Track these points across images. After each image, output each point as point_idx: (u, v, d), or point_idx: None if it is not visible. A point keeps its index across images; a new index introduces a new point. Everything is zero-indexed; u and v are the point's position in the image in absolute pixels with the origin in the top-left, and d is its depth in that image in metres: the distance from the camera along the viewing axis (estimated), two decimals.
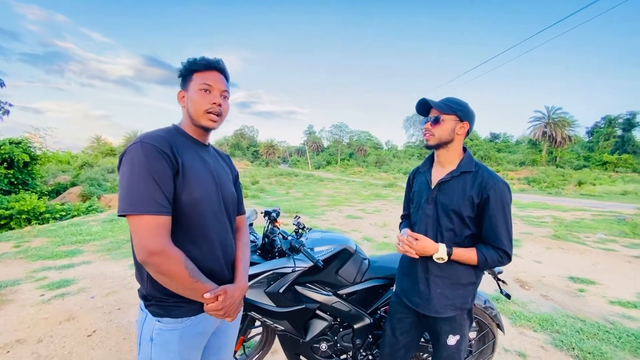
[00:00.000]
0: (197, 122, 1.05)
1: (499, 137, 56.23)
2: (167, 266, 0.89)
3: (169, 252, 0.89)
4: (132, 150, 0.92)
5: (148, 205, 0.88)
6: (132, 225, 0.89)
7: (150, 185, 0.89)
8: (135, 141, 0.94)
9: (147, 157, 0.90)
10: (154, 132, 0.99)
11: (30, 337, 2.48)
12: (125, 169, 0.91)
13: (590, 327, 2.87)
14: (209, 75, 1.04)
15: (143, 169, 0.89)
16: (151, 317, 0.99)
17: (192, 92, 1.04)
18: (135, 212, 0.87)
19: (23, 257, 4.45)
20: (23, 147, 12.84)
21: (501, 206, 1.28)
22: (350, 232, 6.52)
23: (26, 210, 9.16)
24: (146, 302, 1.01)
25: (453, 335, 1.41)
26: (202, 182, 1.02)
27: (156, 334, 0.98)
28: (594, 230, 7.40)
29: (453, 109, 1.33)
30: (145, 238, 0.87)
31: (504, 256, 1.30)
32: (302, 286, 1.78)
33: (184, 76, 1.07)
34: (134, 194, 0.88)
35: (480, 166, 1.36)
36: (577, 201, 15.08)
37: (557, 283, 4.05)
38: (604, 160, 35.20)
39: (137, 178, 0.89)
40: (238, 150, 68.30)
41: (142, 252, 0.87)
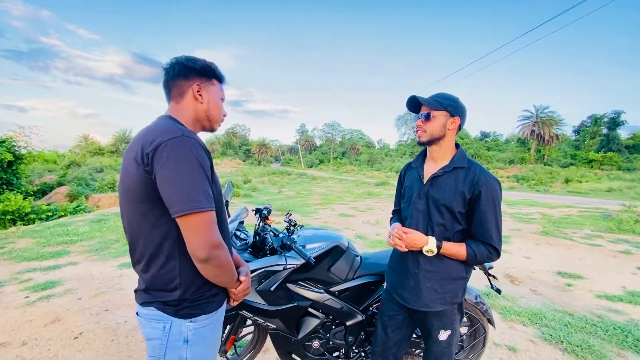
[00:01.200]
0: (212, 125, 1.12)
1: (489, 136, 57.02)
2: (224, 257, 0.93)
3: (223, 243, 0.94)
4: (180, 143, 0.88)
5: (208, 202, 0.89)
6: (194, 223, 0.87)
7: (205, 181, 0.90)
8: (174, 133, 0.89)
9: (198, 153, 0.90)
10: (182, 127, 0.96)
11: (14, 340, 2.41)
12: (179, 162, 0.86)
13: (578, 320, 2.92)
14: (222, 87, 1.14)
15: (197, 164, 0.89)
16: (180, 322, 0.97)
17: (215, 97, 1.09)
18: (201, 209, 0.87)
19: (7, 258, 4.33)
20: (7, 146, 12.47)
21: (492, 202, 1.29)
22: (343, 230, 6.52)
23: (11, 211, 8.92)
24: (175, 308, 0.96)
25: (444, 330, 1.42)
26: (217, 177, 1.06)
27: (192, 335, 0.98)
28: (581, 226, 7.56)
29: (443, 105, 1.33)
30: (210, 233, 0.89)
31: (493, 252, 1.31)
32: (293, 284, 1.76)
33: (203, 73, 1.06)
34: (196, 191, 0.87)
35: (472, 162, 1.36)
36: (565, 198, 15.40)
37: (545, 278, 4.11)
38: (590, 158, 35.98)
39: (195, 173, 0.88)
40: (230, 149, 67.71)
41: (207, 248, 0.88)
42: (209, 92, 1.07)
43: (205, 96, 1.06)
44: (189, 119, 1.05)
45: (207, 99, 1.07)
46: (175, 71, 1.03)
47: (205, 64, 1.06)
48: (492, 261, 1.36)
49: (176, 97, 1.04)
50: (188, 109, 1.05)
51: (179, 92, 1.04)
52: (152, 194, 0.89)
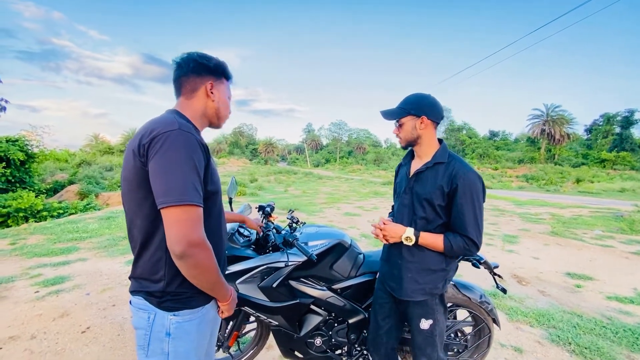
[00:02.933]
0: (219, 122, 1.14)
1: (498, 135, 56.20)
2: (204, 258, 0.89)
3: (206, 244, 0.90)
4: (174, 136, 0.88)
5: (195, 196, 0.87)
6: (174, 215, 0.85)
7: (195, 175, 0.88)
8: (170, 126, 0.89)
9: (191, 146, 0.89)
10: (181, 120, 0.95)
11: (24, 333, 2.46)
12: (169, 154, 0.86)
13: (587, 322, 2.86)
14: (229, 86, 1.15)
15: (189, 158, 0.87)
16: (163, 314, 0.96)
17: (224, 96, 1.12)
18: (184, 202, 0.85)
19: (18, 254, 4.43)
20: (20, 145, 12.76)
21: (469, 195, 1.32)
22: (348, 229, 6.51)
23: (23, 208, 9.13)
24: (158, 300, 0.96)
25: (425, 319, 1.46)
26: (216, 175, 1.05)
27: (174, 328, 0.96)
28: (592, 226, 7.41)
29: (406, 110, 1.41)
30: (189, 229, 0.86)
31: (470, 244, 1.33)
32: (296, 281, 1.76)
33: (215, 71, 1.08)
34: (182, 184, 0.85)
35: (453, 157, 1.41)
36: (575, 198, 15.11)
37: (554, 279, 4.04)
38: (602, 157, 35.25)
39: (184, 166, 0.86)
40: (237, 149, 68.15)
41: (183, 243, 0.85)
42: (219, 90, 1.09)
43: (217, 94, 1.08)
44: (196, 115, 1.06)
45: (218, 97, 1.09)
46: (190, 68, 1.04)
47: (218, 63, 1.08)
48: (470, 254, 1.40)
49: (187, 93, 1.05)
50: (198, 105, 1.06)
51: (191, 88, 1.05)
52: (147, 184, 0.90)
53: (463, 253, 1.37)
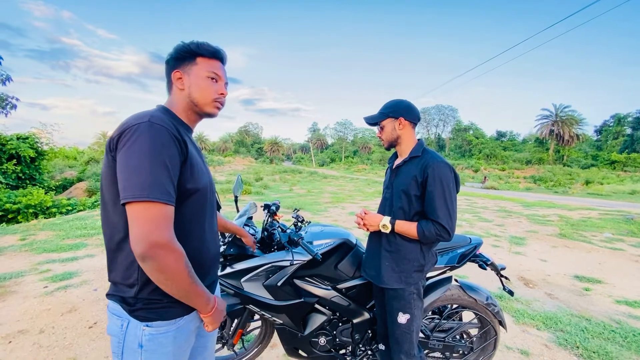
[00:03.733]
0: (203, 109, 1.01)
1: (505, 136, 55.59)
2: (169, 262, 0.80)
3: (174, 246, 0.81)
4: (141, 129, 0.81)
5: (159, 193, 0.79)
6: (135, 212, 0.78)
7: (163, 171, 0.81)
8: (140, 119, 0.83)
9: (160, 139, 0.82)
10: (157, 113, 0.88)
11: (32, 327, 2.50)
12: (136, 147, 0.79)
13: (595, 326, 2.82)
14: (215, 64, 1.02)
15: (156, 152, 0.80)
16: (136, 323, 0.88)
17: (199, 78, 0.98)
18: (145, 198, 0.77)
19: (28, 249, 4.50)
20: (30, 142, 13.00)
21: (439, 182, 1.40)
22: (353, 228, 6.49)
23: (33, 205, 9.30)
24: (130, 307, 0.88)
25: (403, 313, 1.53)
26: (202, 171, 0.98)
27: (147, 340, 0.88)
28: (601, 229, 7.29)
29: (385, 114, 1.54)
30: (152, 228, 0.78)
31: (441, 229, 1.40)
32: (300, 280, 1.76)
33: (182, 57, 0.99)
34: (146, 178, 0.78)
35: (427, 151, 1.53)
36: (584, 200, 14.88)
37: (562, 282, 3.99)
38: (612, 159, 34.69)
39: (149, 161, 0.79)
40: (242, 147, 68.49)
41: (144, 244, 0.77)
42: (190, 74, 0.99)
43: (186, 81, 0.99)
44: (179, 109, 1.01)
45: (188, 83, 0.99)
46: (165, 64, 1.02)
47: (181, 47, 0.99)
48: (443, 239, 1.44)
49: (168, 89, 1.03)
50: (176, 99, 1.01)
51: (168, 84, 1.02)
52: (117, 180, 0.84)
53: (435, 239, 1.43)
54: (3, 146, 12.07)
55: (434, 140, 60.39)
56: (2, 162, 11.97)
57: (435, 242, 1.53)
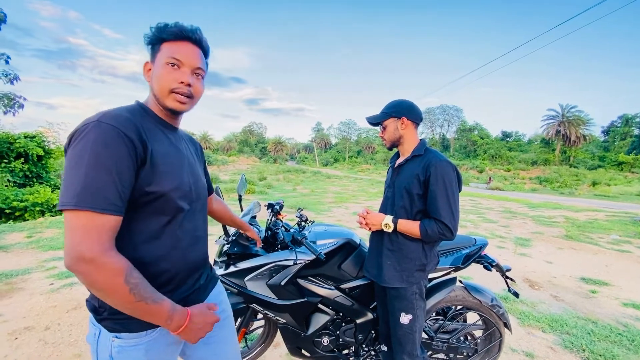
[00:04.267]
0: (162, 102, 0.88)
1: (511, 136, 55.15)
2: (99, 278, 0.71)
3: (103, 261, 0.71)
4: (86, 131, 0.73)
5: (94, 200, 0.71)
6: (66, 222, 0.71)
7: (102, 176, 0.72)
8: (91, 119, 0.76)
9: (104, 140, 0.73)
10: (116, 111, 0.81)
11: (38, 324, 2.53)
12: (76, 151, 0.72)
13: (602, 329, 2.78)
14: (180, 46, 0.86)
15: (97, 155, 0.72)
16: (106, 333, 0.83)
17: (158, 66, 0.86)
18: (73, 206, 0.70)
19: (35, 247, 4.55)
20: (37, 141, 13.13)
21: (442, 181, 1.40)
22: (356, 229, 6.48)
23: (40, 203, 9.40)
24: (98, 316, 0.83)
25: (405, 313, 1.53)
26: (174, 172, 0.88)
27: (116, 352, 0.82)
28: (608, 231, 7.20)
29: (388, 114, 1.54)
30: (79, 239, 0.70)
31: (444, 228, 1.39)
32: (304, 279, 1.76)
33: (152, 45, 0.88)
34: (79, 184, 0.70)
35: (429, 150, 1.53)
36: (591, 202, 14.71)
37: (568, 284, 3.94)
38: (619, 160, 34.21)
39: (86, 165, 0.71)
40: (246, 147, 68.68)
41: (69, 256, 0.70)
42: (155, 65, 0.87)
43: (152, 72, 0.88)
44: (152, 104, 0.92)
45: (152, 74, 0.88)
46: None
47: (149, 34, 0.87)
48: (446, 238, 1.43)
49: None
50: (150, 93, 0.92)
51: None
52: None
53: (438, 237, 1.42)
54: (11, 144, 12.21)
55: (439, 140, 60.07)
56: (10, 160, 12.11)
57: (438, 241, 1.53)
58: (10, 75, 11.08)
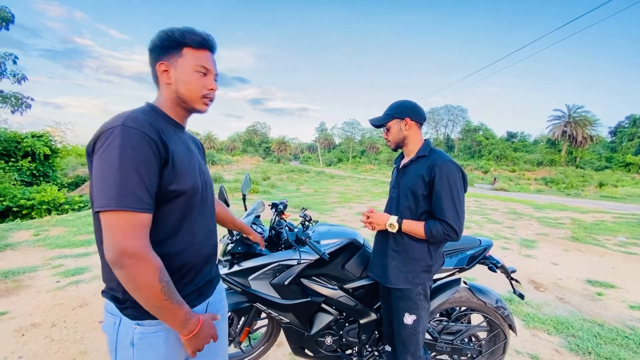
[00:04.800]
0: (191, 105, 0.95)
1: (516, 136, 54.65)
2: (140, 273, 0.77)
3: (146, 256, 0.77)
4: (113, 134, 0.78)
5: (130, 201, 0.76)
6: (105, 221, 0.77)
7: (134, 177, 0.77)
8: (115, 123, 0.79)
9: (132, 145, 0.78)
10: (136, 113, 0.84)
11: (45, 321, 2.56)
12: (106, 155, 0.77)
13: (608, 331, 2.75)
14: (204, 55, 0.94)
15: (127, 158, 0.77)
16: (128, 321, 0.87)
17: (186, 72, 0.91)
18: (115, 207, 0.75)
19: (41, 245, 4.61)
20: (44, 140, 13.29)
21: (447, 182, 1.40)
22: (360, 229, 6.47)
23: (47, 201, 9.51)
24: (120, 305, 0.88)
25: (409, 314, 1.52)
26: (191, 170, 0.93)
27: (138, 339, 0.87)
28: (615, 232, 7.11)
29: (391, 115, 1.54)
30: (121, 237, 0.75)
31: (449, 229, 1.39)
32: (307, 279, 1.76)
33: (167, 47, 0.91)
34: (115, 187, 0.76)
35: (434, 151, 1.53)
36: (598, 203, 14.55)
37: (574, 286, 3.90)
38: (627, 161, 33.78)
39: (118, 168, 0.76)
40: (250, 147, 68.90)
41: (114, 252, 0.75)
42: (176, 68, 0.91)
43: (173, 74, 0.92)
44: (167, 105, 0.95)
45: (175, 77, 0.92)
46: (149, 54, 0.94)
47: (164, 36, 0.90)
48: (451, 239, 1.42)
49: (155, 82, 0.95)
50: (162, 94, 0.95)
51: (154, 77, 0.95)
52: None
53: (443, 238, 1.42)
54: (18, 144, 12.38)
55: (443, 140, 59.75)
56: (17, 159, 12.27)
57: (443, 242, 1.52)
58: (18, 75, 11.22)
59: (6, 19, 10.86)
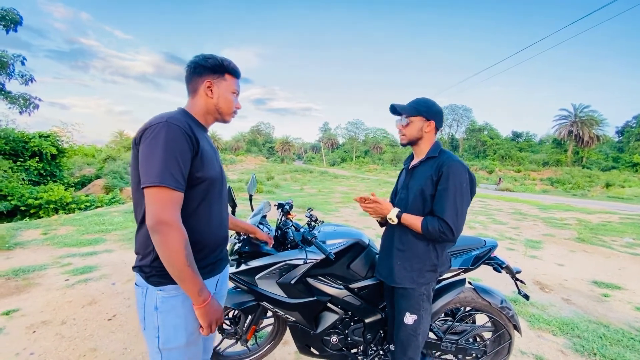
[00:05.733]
0: (224, 118, 1.20)
1: (521, 136, 54.18)
2: (171, 238, 0.94)
3: (177, 226, 0.96)
4: (159, 128, 0.97)
5: (170, 180, 0.95)
6: (150, 196, 0.95)
7: (173, 162, 0.96)
8: (160, 120, 0.99)
9: (173, 136, 0.97)
10: (175, 115, 1.05)
11: (55, 319, 2.61)
12: (153, 143, 0.96)
13: (614, 333, 2.74)
14: (237, 82, 1.21)
15: (169, 146, 0.96)
16: (152, 288, 1.05)
17: (226, 92, 1.17)
18: (159, 183, 0.94)
19: (50, 244, 4.68)
20: (51, 140, 13.45)
21: (451, 180, 1.39)
22: (364, 229, 6.47)
23: (54, 200, 9.63)
24: (146, 274, 1.05)
25: (410, 313, 1.53)
26: (212, 164, 1.12)
27: (160, 302, 1.04)
28: (622, 234, 7.05)
29: (419, 111, 1.50)
30: (161, 207, 0.94)
31: (445, 227, 1.38)
32: (313, 278, 1.78)
33: (214, 69, 1.14)
34: (159, 167, 0.94)
35: (444, 152, 1.52)
36: (604, 204, 14.41)
37: (579, 287, 3.88)
38: (634, 161, 33.39)
39: (163, 154, 0.95)
40: (254, 147, 69.10)
41: (154, 219, 0.94)
42: (219, 87, 1.15)
43: (216, 91, 1.15)
44: (200, 112, 1.16)
45: (217, 94, 1.15)
46: (192, 69, 1.14)
47: (216, 62, 1.14)
48: (446, 238, 1.41)
49: (192, 93, 1.16)
50: (200, 103, 1.15)
51: (193, 88, 1.15)
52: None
53: (438, 236, 1.40)
54: (26, 144, 12.54)
55: (447, 140, 59.44)
56: (25, 159, 12.44)
57: (439, 240, 1.49)
58: (26, 76, 11.37)
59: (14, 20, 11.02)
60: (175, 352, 1.08)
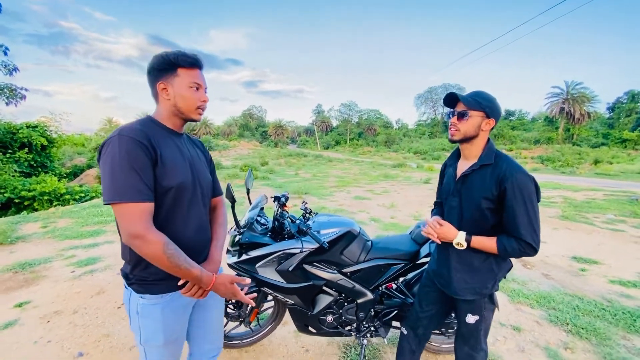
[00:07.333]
0: (188, 116, 1.15)
1: (514, 114, 54.41)
2: (146, 249, 0.98)
3: (148, 236, 0.98)
4: (112, 142, 0.98)
5: (130, 194, 0.96)
6: (116, 212, 0.99)
7: (131, 175, 0.97)
8: (113, 134, 1.01)
9: (127, 149, 0.97)
10: (131, 125, 1.05)
11: (66, 308, 2.76)
12: (107, 159, 0.98)
13: (587, 304, 2.99)
14: (195, 73, 1.12)
15: (123, 160, 0.96)
16: (135, 294, 1.12)
17: (182, 88, 1.10)
18: (118, 200, 0.96)
19: (51, 237, 4.78)
20: (40, 130, 13.23)
21: (520, 197, 1.27)
22: (358, 213, 6.64)
23: (48, 192, 9.60)
24: (129, 281, 1.12)
25: (472, 314, 1.49)
26: (179, 170, 1.11)
27: (141, 308, 1.12)
28: (605, 210, 7.36)
29: (482, 105, 1.33)
30: (128, 223, 0.97)
31: (526, 246, 1.28)
32: (309, 265, 1.94)
33: (163, 69, 1.09)
34: (116, 184, 0.96)
35: (500, 157, 1.36)
36: (591, 180, 14.82)
37: (559, 262, 4.14)
38: (624, 137, 33.90)
39: (119, 169, 0.96)
40: (247, 131, 68.36)
41: (125, 234, 0.98)
42: (173, 86, 1.10)
43: (171, 91, 1.10)
44: (165, 116, 1.14)
45: (173, 94, 1.10)
46: (147, 75, 1.12)
47: (162, 59, 1.08)
48: (529, 256, 1.32)
49: (155, 99, 1.15)
50: (162, 107, 1.14)
51: (154, 93, 1.14)
52: None
53: (519, 255, 1.32)
54: (14, 135, 12.33)
55: (440, 120, 59.43)
56: (14, 150, 12.27)
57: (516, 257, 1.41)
58: (9, 66, 11.04)
59: None
60: (154, 349, 1.16)
